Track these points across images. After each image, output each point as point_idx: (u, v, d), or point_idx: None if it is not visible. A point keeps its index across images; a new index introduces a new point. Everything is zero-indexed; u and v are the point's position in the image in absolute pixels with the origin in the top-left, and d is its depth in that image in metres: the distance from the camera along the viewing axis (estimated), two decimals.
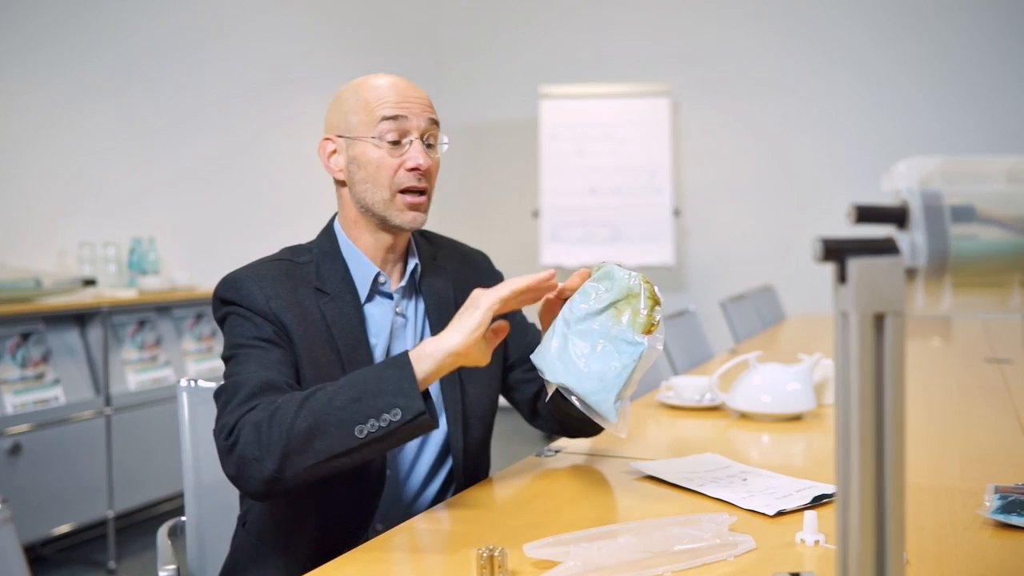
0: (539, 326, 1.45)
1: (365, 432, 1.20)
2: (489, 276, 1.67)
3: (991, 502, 1.29)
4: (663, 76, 5.69)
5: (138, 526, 3.68)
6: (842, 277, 0.67)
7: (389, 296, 1.51)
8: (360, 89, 1.47)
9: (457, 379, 1.51)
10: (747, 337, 3.67)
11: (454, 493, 1.53)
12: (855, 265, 0.66)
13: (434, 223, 1.72)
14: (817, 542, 1.18)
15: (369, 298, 1.49)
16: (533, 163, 5.66)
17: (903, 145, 5.27)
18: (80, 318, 3.45)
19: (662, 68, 5.77)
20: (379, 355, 1.48)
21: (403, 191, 1.44)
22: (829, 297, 0.70)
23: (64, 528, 3.28)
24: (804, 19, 5.53)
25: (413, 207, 1.45)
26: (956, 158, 0.71)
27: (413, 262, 1.54)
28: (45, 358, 3.28)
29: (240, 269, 1.44)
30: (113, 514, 3.39)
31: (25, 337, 3.23)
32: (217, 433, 1.29)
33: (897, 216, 0.69)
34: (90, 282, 3.54)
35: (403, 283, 1.52)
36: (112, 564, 3.34)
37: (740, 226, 5.71)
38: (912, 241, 0.68)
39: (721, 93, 5.71)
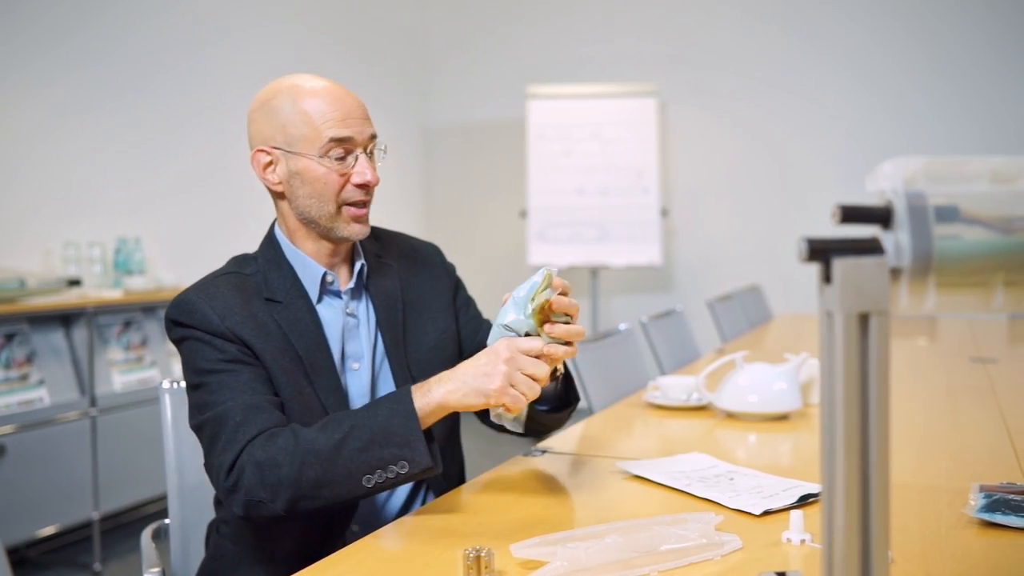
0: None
1: (373, 482, 1.24)
2: (439, 270, 1.65)
3: (976, 501, 1.30)
4: (650, 76, 5.70)
5: (124, 528, 3.66)
6: (827, 277, 0.67)
7: (339, 295, 1.50)
8: (296, 99, 1.42)
9: (410, 379, 1.48)
10: (734, 337, 3.68)
11: (427, 491, 1.53)
12: (840, 265, 0.66)
13: (420, 223, 1.72)
14: (803, 541, 1.19)
15: (319, 300, 1.48)
16: (521, 163, 5.66)
17: (891, 145, 5.29)
18: (65, 319, 3.43)
19: (649, 68, 5.77)
20: (335, 356, 1.46)
21: (352, 203, 1.44)
22: (815, 297, 0.70)
23: (49, 530, 3.26)
24: (792, 18, 5.55)
25: (358, 219, 1.45)
26: (940, 158, 0.72)
27: (359, 263, 1.52)
28: (29, 359, 3.26)
29: (189, 290, 1.43)
30: (98, 516, 3.37)
31: (9, 338, 3.21)
32: (216, 473, 1.29)
33: (881, 216, 0.70)
34: (75, 282, 3.52)
35: (351, 284, 1.51)
36: (97, 566, 3.33)
37: (727, 226, 5.73)
38: (896, 241, 0.68)
39: (708, 93, 5.72)
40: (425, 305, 1.58)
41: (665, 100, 5.71)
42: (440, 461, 1.29)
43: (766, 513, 1.30)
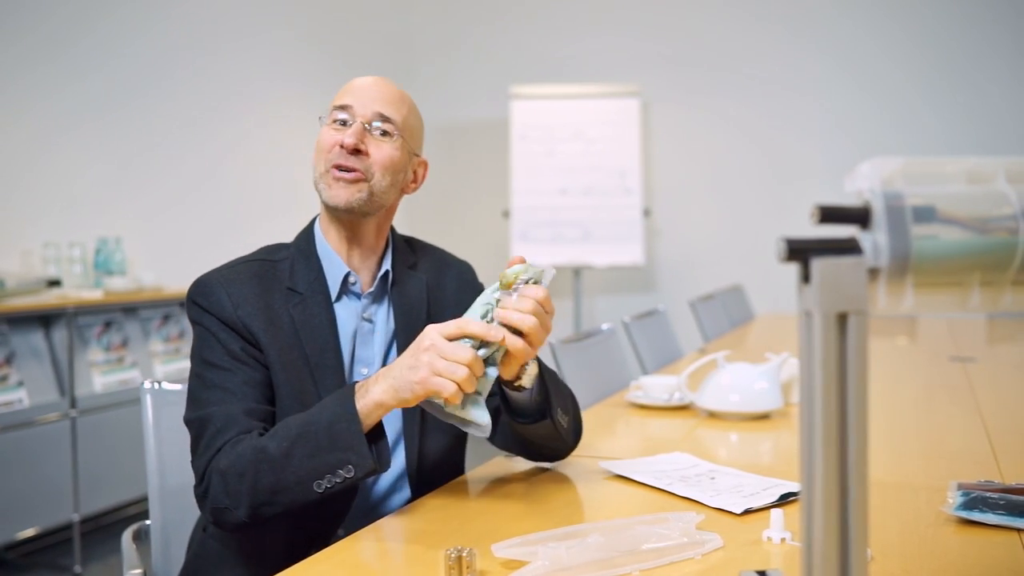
0: None
1: (323, 487, 1.26)
2: (469, 287, 1.63)
3: (954, 499, 1.31)
4: (633, 76, 5.71)
5: (104, 529, 3.63)
6: (806, 277, 0.68)
7: (358, 297, 1.50)
8: None
9: None
10: (716, 337, 3.70)
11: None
12: (818, 265, 0.67)
13: (404, 223, 1.71)
14: (784, 540, 1.19)
15: (337, 298, 1.48)
16: (503, 163, 5.66)
17: (877, 144, 5.31)
18: (45, 319, 3.40)
19: (632, 68, 5.78)
20: (345, 358, 1.47)
21: (336, 166, 1.44)
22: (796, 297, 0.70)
23: (29, 532, 3.24)
24: (775, 16, 5.57)
25: (339, 181, 1.43)
26: (917, 159, 0.72)
27: (386, 267, 1.52)
28: (9, 360, 3.23)
29: (212, 271, 1.46)
30: (79, 518, 3.34)
31: None
32: (195, 478, 1.34)
33: (860, 216, 0.70)
34: (55, 283, 3.49)
35: (373, 288, 1.51)
36: (78, 568, 3.30)
37: (710, 226, 5.74)
38: (874, 241, 0.69)
39: (691, 93, 5.74)
40: (450, 319, 1.56)
41: (648, 100, 5.72)
42: (387, 460, 1.29)
43: (747, 512, 1.31)
